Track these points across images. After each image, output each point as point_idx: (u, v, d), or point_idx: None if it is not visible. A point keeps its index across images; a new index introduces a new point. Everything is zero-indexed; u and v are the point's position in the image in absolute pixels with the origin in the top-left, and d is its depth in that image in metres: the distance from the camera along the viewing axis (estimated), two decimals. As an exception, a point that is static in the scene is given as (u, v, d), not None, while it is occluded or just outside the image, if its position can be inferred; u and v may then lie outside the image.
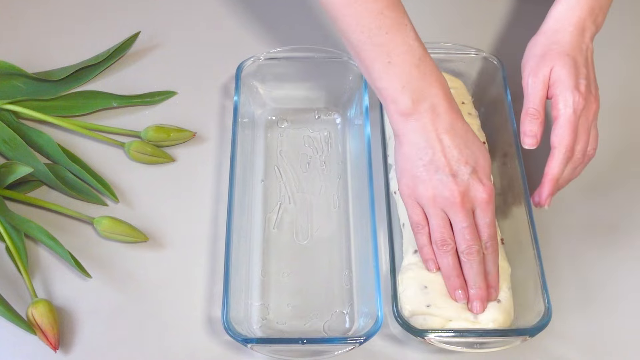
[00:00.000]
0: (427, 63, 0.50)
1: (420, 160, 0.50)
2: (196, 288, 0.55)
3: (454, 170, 0.50)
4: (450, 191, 0.50)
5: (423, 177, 0.50)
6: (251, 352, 0.52)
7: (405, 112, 0.50)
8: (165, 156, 0.62)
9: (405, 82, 0.50)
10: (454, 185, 0.50)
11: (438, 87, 0.50)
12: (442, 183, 0.50)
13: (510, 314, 0.51)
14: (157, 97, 0.66)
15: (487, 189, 0.50)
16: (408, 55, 0.50)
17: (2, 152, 0.61)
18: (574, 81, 0.53)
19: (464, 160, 0.50)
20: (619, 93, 0.67)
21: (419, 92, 0.50)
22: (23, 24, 0.71)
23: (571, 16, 0.55)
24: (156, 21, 0.71)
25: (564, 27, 0.55)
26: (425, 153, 0.50)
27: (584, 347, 0.54)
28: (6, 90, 0.64)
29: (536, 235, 0.53)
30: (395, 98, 0.50)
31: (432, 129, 0.50)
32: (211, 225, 0.59)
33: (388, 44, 0.49)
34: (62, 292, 0.55)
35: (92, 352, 0.53)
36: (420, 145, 0.50)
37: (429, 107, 0.50)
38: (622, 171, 0.63)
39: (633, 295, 0.56)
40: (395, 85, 0.50)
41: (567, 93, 0.52)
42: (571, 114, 0.52)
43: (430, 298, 0.51)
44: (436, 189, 0.50)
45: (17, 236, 0.56)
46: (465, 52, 0.62)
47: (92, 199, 0.59)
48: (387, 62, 0.50)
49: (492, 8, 0.73)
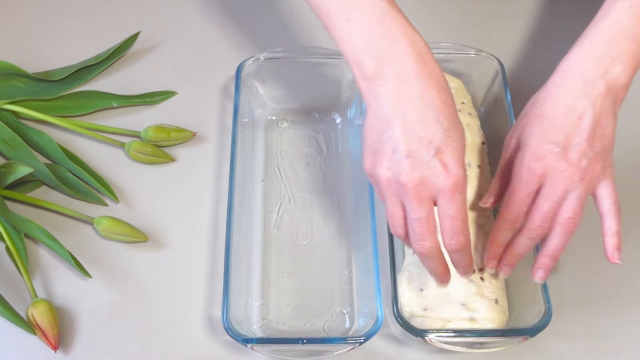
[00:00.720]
0: (394, 18, 0.44)
1: (380, 135, 0.44)
2: (196, 288, 0.55)
3: (413, 150, 0.43)
4: (404, 176, 0.43)
5: (380, 155, 0.45)
6: (251, 352, 0.52)
7: (369, 76, 0.44)
8: (165, 156, 0.62)
9: (366, 41, 0.44)
10: (409, 168, 0.43)
11: (407, 46, 0.44)
12: (397, 164, 0.43)
13: (506, 314, 0.51)
14: (157, 97, 0.66)
15: (452, 175, 0.43)
16: (369, 10, 0.44)
17: (2, 152, 0.61)
18: (535, 147, 0.47)
19: (427, 139, 0.43)
20: None
21: (382, 53, 0.44)
22: (23, 24, 0.71)
23: (569, 69, 0.48)
24: (156, 21, 0.71)
25: (556, 82, 0.49)
26: (385, 127, 0.44)
27: (584, 347, 0.54)
28: (6, 90, 0.65)
29: None
30: (358, 61, 0.44)
31: (395, 96, 0.43)
32: (211, 225, 0.59)
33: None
34: (62, 292, 0.55)
35: (92, 352, 0.53)
36: (380, 117, 0.44)
37: (394, 70, 0.44)
38: (623, 172, 0.63)
39: (633, 295, 0.56)
40: (357, 45, 0.44)
41: (522, 160, 0.47)
42: (518, 182, 0.47)
43: (427, 301, 0.50)
44: (391, 171, 0.44)
45: (17, 236, 0.56)
46: (465, 52, 0.62)
47: (92, 199, 0.59)
48: (345, 19, 0.44)
49: (492, 8, 0.73)
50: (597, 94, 0.47)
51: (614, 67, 0.47)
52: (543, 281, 0.49)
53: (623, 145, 0.65)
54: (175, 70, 0.68)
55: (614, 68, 0.47)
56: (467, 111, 0.60)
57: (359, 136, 0.61)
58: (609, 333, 0.54)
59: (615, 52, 0.48)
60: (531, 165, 0.47)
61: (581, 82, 0.47)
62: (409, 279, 0.52)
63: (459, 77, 0.63)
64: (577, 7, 0.73)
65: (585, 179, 0.47)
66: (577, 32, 0.63)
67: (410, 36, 0.44)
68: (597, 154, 0.47)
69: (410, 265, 0.52)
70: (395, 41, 0.44)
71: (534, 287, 0.51)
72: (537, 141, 0.47)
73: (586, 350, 0.54)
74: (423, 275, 0.51)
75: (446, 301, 0.50)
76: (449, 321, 0.50)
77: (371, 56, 0.44)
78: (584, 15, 0.73)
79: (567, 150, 0.47)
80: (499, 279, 0.52)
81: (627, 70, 0.47)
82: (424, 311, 0.50)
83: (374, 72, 0.44)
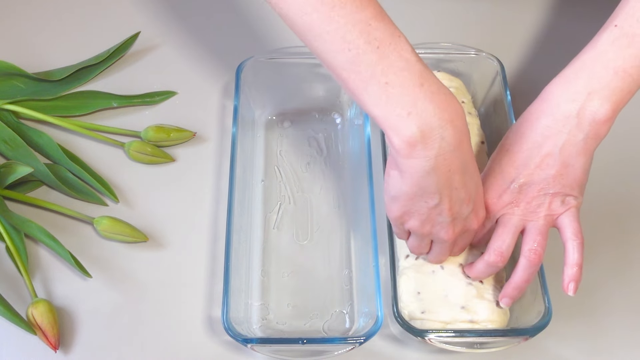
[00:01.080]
0: (431, 80, 0.42)
1: (425, 203, 0.45)
2: (196, 288, 0.55)
3: (456, 213, 0.46)
4: (446, 234, 0.47)
5: (422, 216, 0.46)
6: (251, 352, 0.52)
7: (412, 142, 0.42)
8: (165, 156, 0.62)
9: (410, 107, 0.41)
10: (452, 228, 0.47)
11: (449, 110, 0.42)
12: (440, 225, 0.46)
13: (507, 315, 0.51)
14: (157, 97, 0.66)
15: (480, 220, 0.48)
16: (407, 72, 0.41)
17: (2, 152, 0.61)
18: (495, 183, 0.49)
19: (467, 200, 0.46)
20: None
21: (427, 118, 0.41)
22: (23, 24, 0.71)
23: (546, 100, 0.48)
24: (156, 21, 0.71)
25: (530, 115, 0.49)
26: (432, 198, 0.44)
27: (583, 347, 0.54)
28: (6, 90, 0.65)
29: None
30: (397, 126, 0.41)
31: (445, 170, 0.43)
32: (211, 225, 0.59)
33: (382, 61, 0.41)
34: (62, 292, 0.55)
35: (92, 352, 0.53)
36: (428, 189, 0.44)
37: (439, 136, 0.42)
38: (622, 174, 0.63)
39: (632, 295, 0.56)
40: (397, 111, 0.41)
41: (485, 193, 0.49)
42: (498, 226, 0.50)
43: (425, 304, 0.51)
44: (433, 228, 0.47)
45: (17, 236, 0.56)
46: (465, 52, 0.62)
47: (92, 199, 0.59)
48: (384, 82, 0.41)
49: (492, 8, 0.73)
50: (568, 132, 0.47)
51: (591, 102, 0.46)
52: (507, 307, 0.51)
53: (623, 145, 0.65)
54: (175, 70, 0.68)
55: (591, 103, 0.46)
56: (467, 110, 0.60)
57: (359, 136, 0.61)
58: (609, 333, 0.54)
59: (595, 86, 0.46)
60: (490, 202, 0.49)
61: (553, 118, 0.47)
62: (407, 281, 0.52)
63: (459, 77, 0.63)
64: (577, 8, 0.74)
65: (540, 214, 0.48)
66: (578, 33, 0.63)
67: (448, 96, 0.42)
68: (557, 192, 0.48)
69: (408, 269, 0.53)
70: (438, 105, 0.42)
71: (534, 287, 0.51)
72: (497, 178, 0.49)
73: (586, 350, 0.54)
74: (421, 278, 0.52)
75: (445, 304, 0.50)
76: (449, 323, 0.50)
77: (415, 122, 0.41)
78: (585, 16, 0.73)
79: (524, 188, 0.48)
80: (499, 279, 0.52)
81: (606, 105, 0.46)
82: (422, 314, 0.50)
83: (418, 138, 0.41)
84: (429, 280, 0.51)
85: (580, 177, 0.48)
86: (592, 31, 0.65)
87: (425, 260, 0.52)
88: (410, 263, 0.53)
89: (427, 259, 0.52)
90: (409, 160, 0.42)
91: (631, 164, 0.64)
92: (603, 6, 0.72)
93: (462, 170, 0.44)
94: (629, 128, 0.65)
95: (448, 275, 0.51)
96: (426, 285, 0.51)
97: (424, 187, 0.44)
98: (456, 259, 0.52)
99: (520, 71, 0.66)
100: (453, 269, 0.52)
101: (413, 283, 0.51)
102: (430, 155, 0.42)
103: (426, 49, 0.61)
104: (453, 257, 0.52)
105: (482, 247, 0.52)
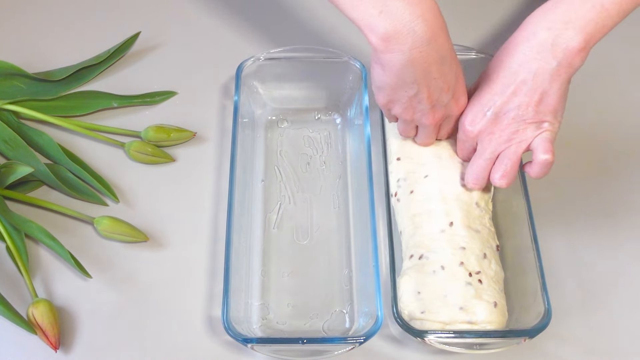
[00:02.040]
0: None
1: (406, 92, 0.50)
2: (196, 288, 0.56)
3: (436, 100, 0.50)
4: (427, 119, 0.52)
5: (404, 104, 0.51)
6: (251, 352, 0.52)
7: (385, 38, 0.46)
8: (166, 156, 0.62)
9: (381, 6, 0.45)
10: (432, 114, 0.51)
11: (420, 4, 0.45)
12: (421, 112, 0.51)
13: (505, 316, 0.51)
14: (157, 97, 0.66)
15: (460, 107, 0.52)
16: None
17: (3, 152, 0.61)
18: (472, 110, 0.53)
19: (446, 89, 0.50)
20: (612, 88, 0.68)
21: (398, 14, 0.45)
22: (23, 24, 0.72)
23: (525, 29, 0.51)
24: (156, 21, 0.71)
25: (509, 44, 0.52)
26: (411, 88, 0.49)
27: (583, 349, 0.54)
28: (7, 90, 0.65)
29: (536, 238, 0.53)
30: (372, 24, 0.45)
31: (422, 61, 0.47)
32: (211, 225, 0.59)
33: None
34: (62, 291, 0.55)
35: (92, 352, 0.53)
36: (407, 79, 0.48)
37: (410, 30, 0.45)
38: (622, 175, 0.63)
39: (632, 296, 0.57)
40: (370, 10, 0.45)
41: (463, 119, 0.54)
42: (459, 140, 0.55)
43: (425, 304, 0.51)
44: (415, 115, 0.52)
45: (17, 236, 0.56)
46: (466, 53, 0.62)
47: (92, 199, 0.60)
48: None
49: (494, 10, 0.73)
50: (542, 58, 0.49)
51: (566, 32, 0.48)
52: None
53: (625, 146, 0.65)
54: (175, 70, 0.68)
55: (566, 32, 0.48)
56: None
57: (359, 136, 0.61)
58: (608, 334, 0.55)
59: (571, 16, 0.48)
60: (466, 128, 0.53)
61: (529, 45, 0.50)
62: (408, 281, 0.52)
63: None
64: None
65: (514, 141, 0.51)
66: None
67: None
68: (531, 119, 0.50)
69: (410, 269, 0.53)
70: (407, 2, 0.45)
71: (534, 289, 0.51)
72: (475, 104, 0.53)
73: (586, 351, 0.54)
74: (422, 278, 0.52)
75: (444, 305, 0.51)
76: (448, 324, 0.50)
77: (388, 20, 0.45)
78: None
79: (499, 116, 0.51)
80: (498, 281, 0.53)
81: (579, 35, 0.48)
82: (422, 314, 0.50)
83: (390, 35, 0.45)
84: (429, 280, 0.52)
85: (554, 103, 0.50)
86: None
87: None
88: (413, 263, 0.53)
89: (417, 142, 0.57)
90: (386, 55, 0.47)
91: (630, 165, 0.64)
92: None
93: (439, 62, 0.47)
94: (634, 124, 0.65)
95: (448, 275, 0.52)
96: (426, 285, 0.51)
97: (402, 78, 0.48)
98: (456, 259, 0.52)
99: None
100: (453, 269, 0.52)
101: (414, 283, 0.52)
102: (404, 49, 0.46)
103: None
104: (453, 257, 0.52)
105: None
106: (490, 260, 0.53)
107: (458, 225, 0.54)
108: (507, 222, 0.57)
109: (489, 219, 0.56)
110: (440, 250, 0.53)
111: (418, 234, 0.54)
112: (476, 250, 0.53)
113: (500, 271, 0.54)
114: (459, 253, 0.52)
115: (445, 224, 0.54)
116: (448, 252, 0.53)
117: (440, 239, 0.53)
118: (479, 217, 0.55)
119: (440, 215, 0.54)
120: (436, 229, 0.54)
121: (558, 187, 0.61)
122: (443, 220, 0.54)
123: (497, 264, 0.54)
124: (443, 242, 0.53)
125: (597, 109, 0.67)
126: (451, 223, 0.54)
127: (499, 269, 0.54)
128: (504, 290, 0.53)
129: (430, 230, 0.54)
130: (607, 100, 0.68)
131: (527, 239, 0.53)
